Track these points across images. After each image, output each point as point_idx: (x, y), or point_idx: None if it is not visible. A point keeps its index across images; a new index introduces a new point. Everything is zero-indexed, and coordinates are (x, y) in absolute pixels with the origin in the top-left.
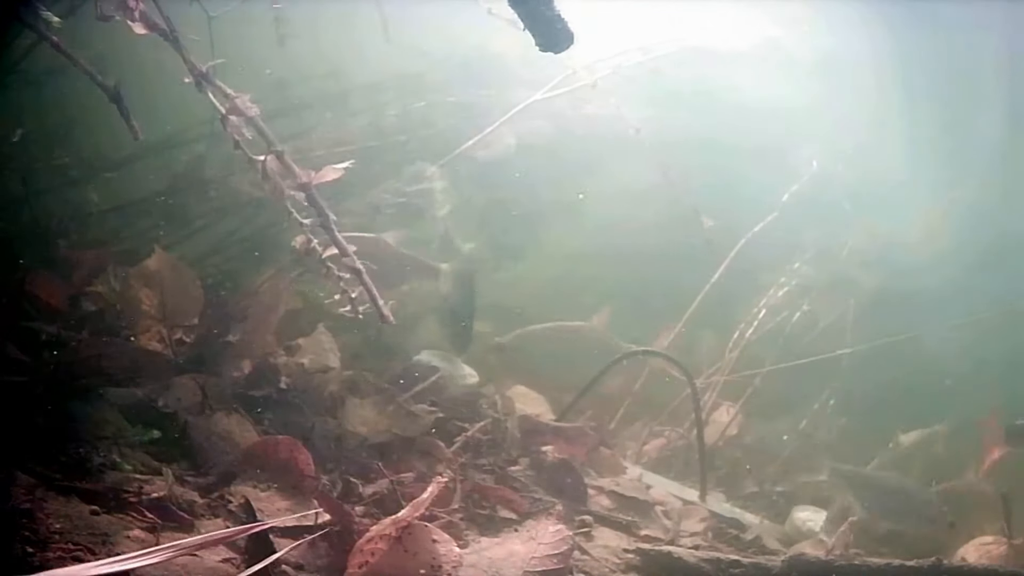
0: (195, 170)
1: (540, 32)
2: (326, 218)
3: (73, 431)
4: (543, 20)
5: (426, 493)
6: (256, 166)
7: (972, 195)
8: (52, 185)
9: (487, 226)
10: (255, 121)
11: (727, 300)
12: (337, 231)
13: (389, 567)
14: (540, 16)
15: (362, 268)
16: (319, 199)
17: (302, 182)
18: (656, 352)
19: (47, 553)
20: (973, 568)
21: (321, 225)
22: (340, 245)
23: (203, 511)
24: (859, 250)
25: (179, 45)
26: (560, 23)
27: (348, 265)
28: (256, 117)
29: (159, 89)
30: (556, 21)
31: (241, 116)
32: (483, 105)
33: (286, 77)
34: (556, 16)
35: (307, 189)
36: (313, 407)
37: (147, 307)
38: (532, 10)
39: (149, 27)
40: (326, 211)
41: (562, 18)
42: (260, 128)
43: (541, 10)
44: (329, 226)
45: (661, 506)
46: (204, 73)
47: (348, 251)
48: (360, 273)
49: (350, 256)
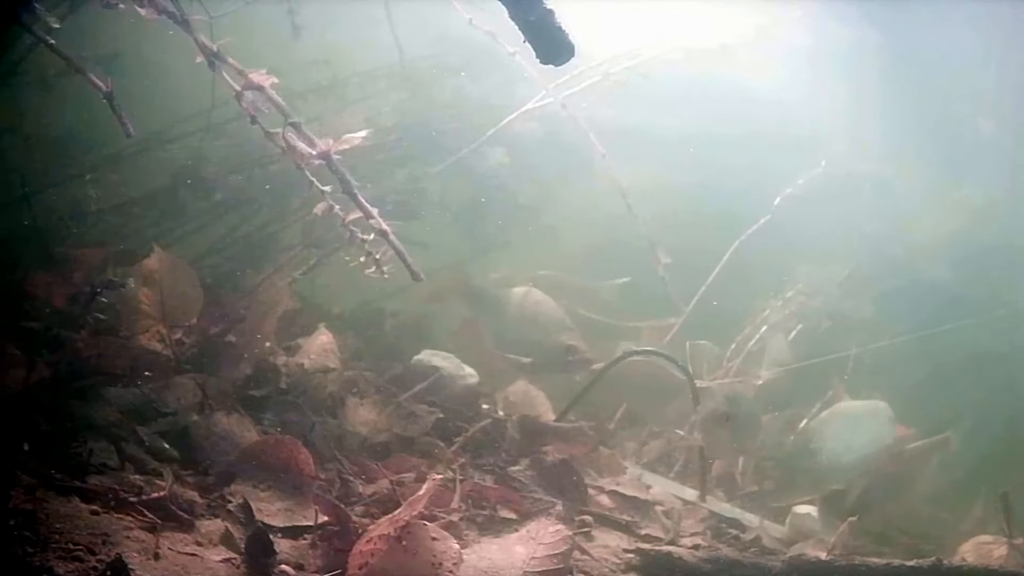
0: (194, 167)
1: (540, 45)
2: (348, 184)
3: (73, 431)
4: (544, 33)
5: (422, 491)
6: (274, 139)
7: (979, 195)
8: (52, 184)
9: (470, 222)
10: (270, 94)
11: (725, 302)
12: (360, 196)
13: (390, 567)
14: (541, 29)
15: (388, 229)
16: (340, 167)
17: (321, 151)
18: (656, 352)
19: (47, 553)
20: (973, 568)
21: (344, 191)
22: (364, 208)
23: (203, 511)
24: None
25: (190, 27)
26: (561, 36)
27: (375, 227)
28: (270, 90)
29: (161, 85)
30: (557, 34)
31: (256, 91)
32: (482, 102)
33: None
34: (557, 29)
35: (327, 157)
36: (313, 407)
37: (147, 307)
38: (533, 23)
39: (158, 11)
40: (347, 177)
41: (563, 31)
42: (276, 101)
43: (542, 23)
44: (352, 191)
45: (661, 506)
46: (216, 52)
47: (373, 213)
48: (386, 234)
49: (376, 218)
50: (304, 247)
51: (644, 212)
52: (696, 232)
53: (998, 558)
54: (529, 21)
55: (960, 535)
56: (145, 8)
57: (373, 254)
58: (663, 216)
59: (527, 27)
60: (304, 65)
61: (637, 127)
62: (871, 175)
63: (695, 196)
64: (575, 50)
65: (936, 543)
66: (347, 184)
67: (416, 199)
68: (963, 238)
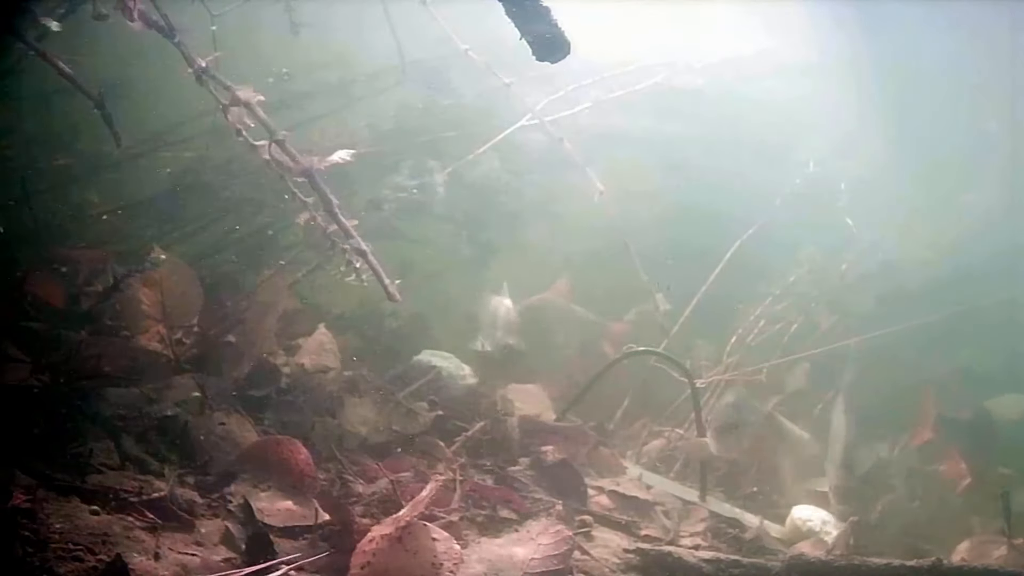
0: (195, 170)
1: (536, 42)
2: (329, 202)
3: (73, 431)
4: (539, 30)
5: (424, 491)
6: (258, 152)
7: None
8: (52, 185)
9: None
10: (255, 110)
11: (723, 302)
12: (340, 214)
13: (391, 567)
14: (536, 26)
15: (367, 248)
16: (321, 184)
17: (303, 168)
18: (656, 352)
19: (47, 553)
20: (973, 568)
21: (324, 209)
22: (343, 226)
23: (203, 511)
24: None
25: (177, 41)
26: (556, 33)
27: (354, 247)
28: (256, 106)
29: (163, 87)
30: (552, 31)
31: (241, 107)
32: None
33: (292, 70)
34: (553, 25)
35: (309, 175)
36: (313, 407)
37: (147, 307)
38: (528, 20)
39: (147, 24)
40: (328, 195)
41: (559, 27)
42: (261, 118)
43: (537, 20)
44: (332, 210)
45: (661, 506)
46: (203, 67)
47: (352, 232)
48: (365, 254)
49: (355, 237)
50: (305, 248)
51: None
52: (699, 230)
53: (998, 558)
54: (525, 19)
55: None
56: (135, 22)
57: (354, 264)
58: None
59: (523, 23)
60: (307, 66)
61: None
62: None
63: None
64: (571, 48)
65: (936, 543)
66: (327, 202)
67: (417, 203)
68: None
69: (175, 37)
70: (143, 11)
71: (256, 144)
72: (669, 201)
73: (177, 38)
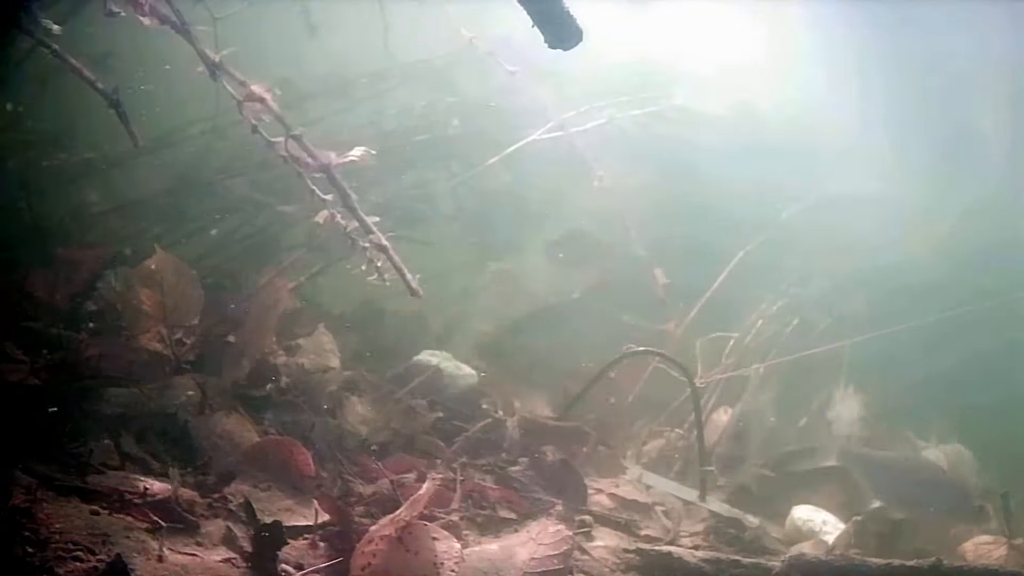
0: (196, 169)
1: (549, 29)
2: (348, 197)
3: (73, 431)
4: (552, 17)
5: (422, 491)
6: (275, 148)
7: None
8: (52, 185)
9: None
10: (271, 105)
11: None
12: (360, 210)
13: (392, 567)
14: (549, 13)
15: (388, 244)
16: (339, 179)
17: (321, 163)
18: (656, 352)
19: (47, 553)
20: (973, 568)
21: (344, 205)
22: (363, 222)
23: (203, 511)
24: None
25: (191, 36)
26: (569, 19)
27: (375, 243)
28: (271, 101)
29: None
30: (565, 18)
31: (258, 103)
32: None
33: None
34: (565, 13)
35: (327, 171)
36: (313, 407)
37: (147, 307)
38: (541, 7)
39: (159, 20)
40: (347, 190)
41: (571, 15)
42: (276, 113)
43: (550, 7)
44: (352, 205)
45: (661, 506)
46: (217, 63)
47: (372, 228)
48: (387, 250)
49: (376, 233)
50: (309, 250)
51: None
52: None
53: (998, 558)
54: (536, 5)
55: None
56: (147, 16)
57: (375, 262)
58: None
59: (535, 11)
60: (314, 66)
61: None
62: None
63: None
64: (583, 35)
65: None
66: (347, 198)
67: (426, 205)
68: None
69: (188, 32)
70: (154, 6)
71: (272, 140)
72: (669, 201)
73: (190, 32)
